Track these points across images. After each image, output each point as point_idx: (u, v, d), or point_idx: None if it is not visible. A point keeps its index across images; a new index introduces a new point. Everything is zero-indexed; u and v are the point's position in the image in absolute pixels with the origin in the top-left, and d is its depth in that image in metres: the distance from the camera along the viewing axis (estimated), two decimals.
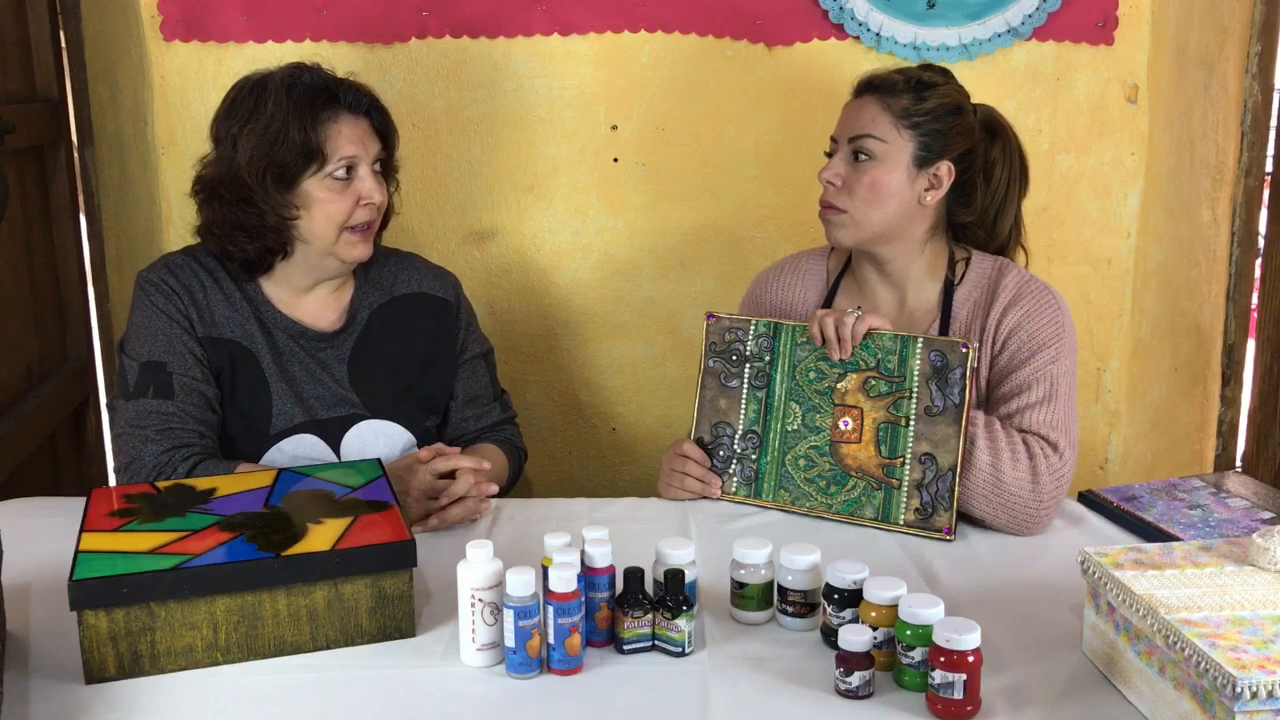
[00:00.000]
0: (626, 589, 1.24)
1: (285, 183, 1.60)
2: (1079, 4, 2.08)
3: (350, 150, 1.61)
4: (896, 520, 1.56)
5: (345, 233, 1.64)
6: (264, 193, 1.60)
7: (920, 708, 1.13)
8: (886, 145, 1.64)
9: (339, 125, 1.61)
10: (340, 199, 1.62)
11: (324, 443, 1.67)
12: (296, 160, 1.59)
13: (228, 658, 1.22)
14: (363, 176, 1.63)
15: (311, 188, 1.61)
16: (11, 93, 2.07)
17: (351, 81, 1.66)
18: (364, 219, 1.64)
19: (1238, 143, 2.28)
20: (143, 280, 1.66)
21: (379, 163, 1.67)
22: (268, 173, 1.59)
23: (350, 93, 1.64)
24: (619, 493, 1.77)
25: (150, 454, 1.56)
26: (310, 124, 1.59)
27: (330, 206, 1.61)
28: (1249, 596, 1.11)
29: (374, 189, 1.63)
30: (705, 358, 1.69)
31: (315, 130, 1.59)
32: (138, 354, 1.62)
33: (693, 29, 2.10)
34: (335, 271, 1.70)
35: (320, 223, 1.62)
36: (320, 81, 1.63)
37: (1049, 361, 1.61)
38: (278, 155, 1.59)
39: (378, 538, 1.26)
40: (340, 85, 1.64)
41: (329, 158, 1.60)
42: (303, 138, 1.58)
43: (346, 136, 1.61)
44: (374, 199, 1.64)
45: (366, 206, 1.64)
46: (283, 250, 1.65)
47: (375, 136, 1.66)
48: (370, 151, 1.64)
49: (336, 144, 1.61)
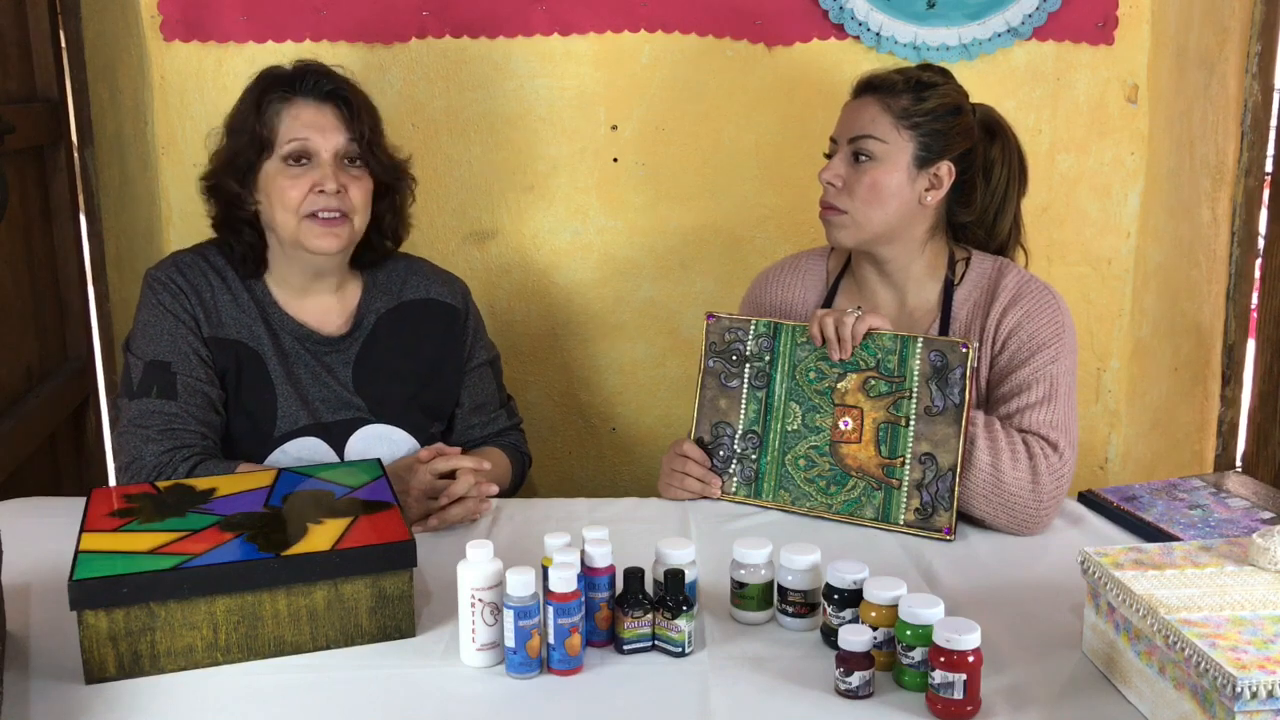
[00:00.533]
0: (626, 589, 1.24)
1: (241, 172, 1.62)
2: (1079, 4, 2.08)
3: (299, 133, 1.60)
4: (896, 520, 1.56)
5: (305, 221, 1.60)
6: (229, 184, 1.63)
7: (920, 708, 1.13)
8: (887, 146, 1.64)
9: (293, 109, 1.61)
10: (294, 184, 1.60)
11: (328, 446, 1.67)
12: (247, 149, 1.61)
13: (228, 658, 1.22)
14: (321, 164, 1.60)
15: (269, 173, 1.62)
16: (11, 93, 2.06)
17: (325, 70, 1.64)
18: (319, 206, 1.60)
19: (1238, 143, 2.28)
20: (150, 278, 1.66)
21: (352, 157, 1.63)
22: (228, 164, 1.63)
23: (313, 79, 1.62)
24: (619, 493, 1.77)
25: (151, 454, 1.56)
26: (258, 111, 1.61)
27: (286, 192, 1.60)
28: (1249, 596, 1.11)
29: (330, 176, 1.59)
30: (705, 358, 1.69)
31: (262, 117, 1.60)
32: (143, 353, 1.62)
33: (693, 29, 2.10)
34: (316, 265, 1.67)
35: (278, 209, 1.61)
36: (288, 71, 1.64)
37: (1049, 361, 1.61)
38: (233, 145, 1.62)
39: (378, 538, 1.26)
40: (305, 73, 1.63)
41: (277, 142, 1.60)
42: (251, 125, 1.60)
43: (300, 121, 1.60)
44: (327, 186, 1.59)
45: (321, 194, 1.59)
46: (263, 243, 1.67)
47: (341, 125, 1.62)
48: (330, 139, 1.61)
49: (287, 128, 1.60)
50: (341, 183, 1.61)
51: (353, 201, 1.63)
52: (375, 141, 1.67)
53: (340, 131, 1.62)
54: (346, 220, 1.63)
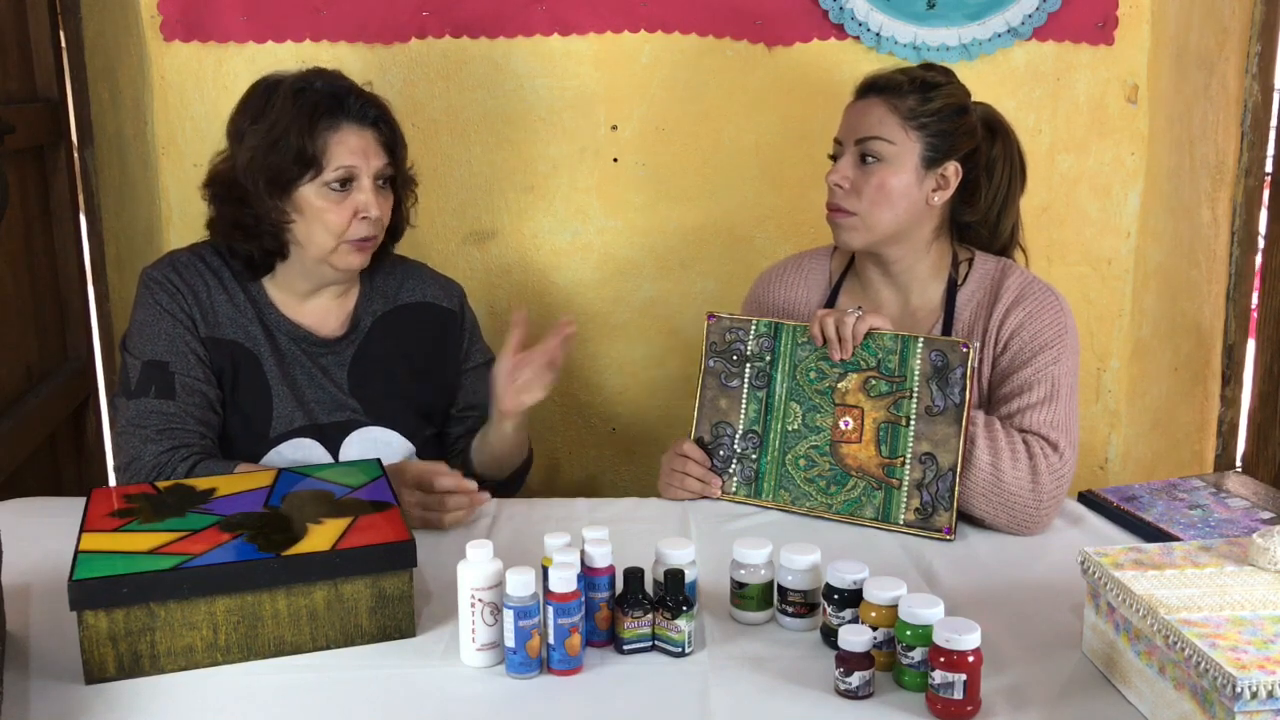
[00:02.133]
0: (626, 589, 1.24)
1: (279, 188, 1.59)
2: (1079, 4, 2.08)
3: (348, 160, 1.59)
4: (896, 520, 1.56)
5: (342, 244, 1.61)
6: (258, 195, 1.59)
7: (920, 708, 1.13)
8: (895, 147, 1.63)
9: (340, 134, 1.59)
10: (337, 210, 1.60)
11: (323, 447, 1.67)
12: (291, 167, 1.58)
13: (228, 658, 1.22)
14: (362, 189, 1.60)
15: (309, 195, 1.59)
16: (11, 93, 2.06)
17: (362, 91, 1.64)
18: (361, 234, 1.61)
19: (1238, 143, 2.28)
20: (147, 277, 1.66)
21: (385, 178, 1.64)
22: (263, 176, 1.58)
23: (358, 103, 1.61)
24: (619, 493, 1.77)
25: (150, 453, 1.56)
26: (309, 131, 1.57)
27: (327, 216, 1.59)
28: (1249, 596, 1.11)
29: (372, 203, 1.60)
30: (706, 357, 1.69)
31: (313, 138, 1.57)
32: (140, 352, 1.62)
33: (693, 29, 2.10)
34: (332, 279, 1.68)
35: (317, 232, 1.60)
36: (330, 89, 1.61)
37: (1051, 362, 1.61)
38: (274, 160, 1.58)
39: (378, 538, 1.26)
40: (348, 94, 1.61)
41: (325, 167, 1.58)
42: (299, 144, 1.57)
43: (347, 147, 1.59)
44: (370, 213, 1.60)
45: (364, 221, 1.61)
46: (279, 253, 1.65)
47: (381, 150, 1.63)
48: (372, 164, 1.61)
49: (335, 153, 1.58)
50: (380, 208, 1.63)
51: (384, 224, 1.66)
52: (404, 159, 1.69)
53: (381, 156, 1.63)
54: (374, 239, 1.65)
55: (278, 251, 1.65)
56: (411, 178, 1.74)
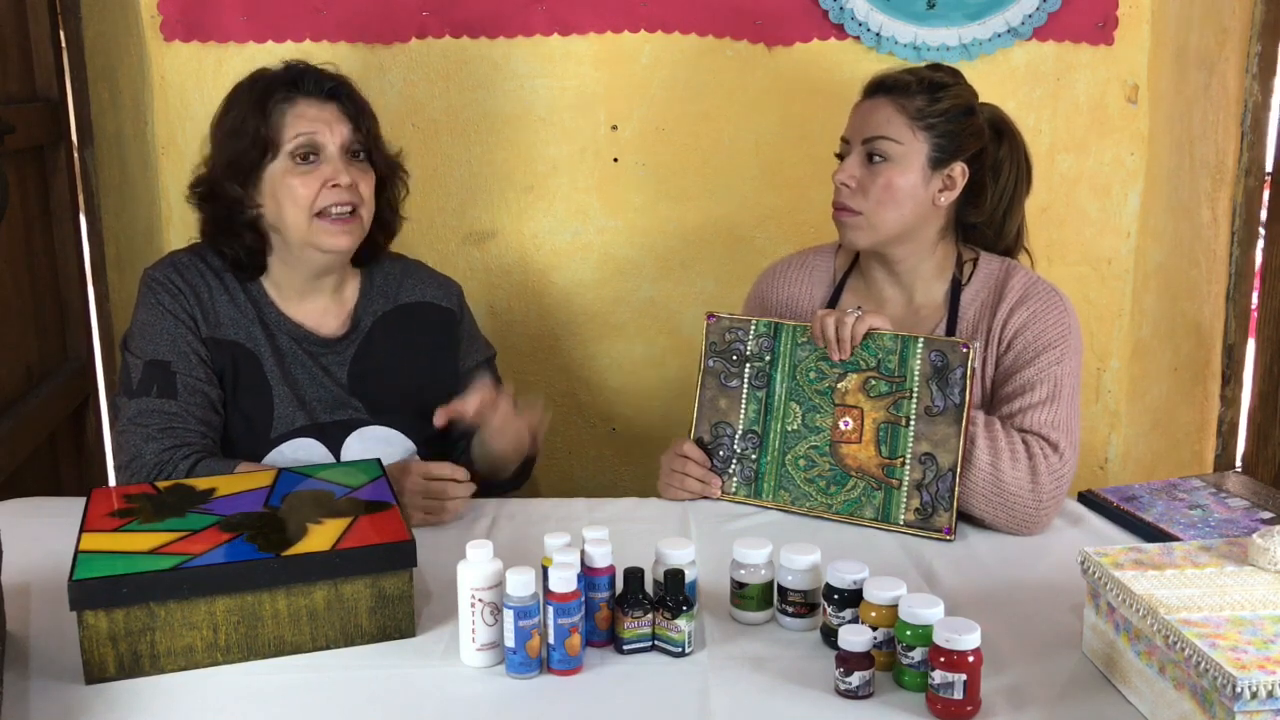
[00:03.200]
0: (626, 589, 1.24)
1: (242, 173, 1.60)
2: (1079, 4, 2.08)
3: (306, 127, 1.59)
4: (896, 520, 1.56)
5: (317, 219, 1.60)
6: (230, 188, 1.61)
7: (920, 708, 1.13)
8: (902, 147, 1.63)
9: (296, 109, 1.60)
10: (303, 180, 1.59)
11: (324, 447, 1.67)
12: (249, 150, 1.59)
13: (228, 658, 1.22)
14: (329, 158, 1.60)
15: (275, 173, 1.60)
16: (11, 93, 2.06)
17: (321, 70, 1.64)
18: (333, 201, 1.60)
19: (1238, 143, 2.27)
20: (148, 278, 1.66)
21: (356, 150, 1.64)
22: (227, 165, 1.60)
23: (312, 79, 1.62)
24: (619, 493, 1.77)
25: (151, 452, 1.56)
26: (261, 112, 1.59)
27: (296, 191, 1.59)
28: (1249, 596, 1.11)
29: (340, 169, 1.60)
30: (705, 357, 1.69)
31: (266, 118, 1.59)
32: (142, 352, 1.62)
33: (693, 29, 2.10)
34: (321, 265, 1.67)
35: (288, 209, 1.60)
36: (285, 72, 1.63)
37: (1053, 362, 1.61)
38: (233, 147, 1.60)
39: (378, 538, 1.26)
40: (304, 73, 1.62)
41: (282, 142, 1.59)
42: (254, 127, 1.58)
43: (305, 118, 1.59)
44: (340, 180, 1.59)
45: (335, 188, 1.59)
46: (261, 248, 1.65)
47: (345, 119, 1.62)
48: (336, 133, 1.61)
49: (290, 125, 1.59)
50: (352, 176, 1.61)
51: (362, 195, 1.63)
52: (376, 134, 1.68)
53: (345, 125, 1.62)
54: (357, 217, 1.63)
55: (260, 247, 1.65)
56: (397, 163, 1.74)
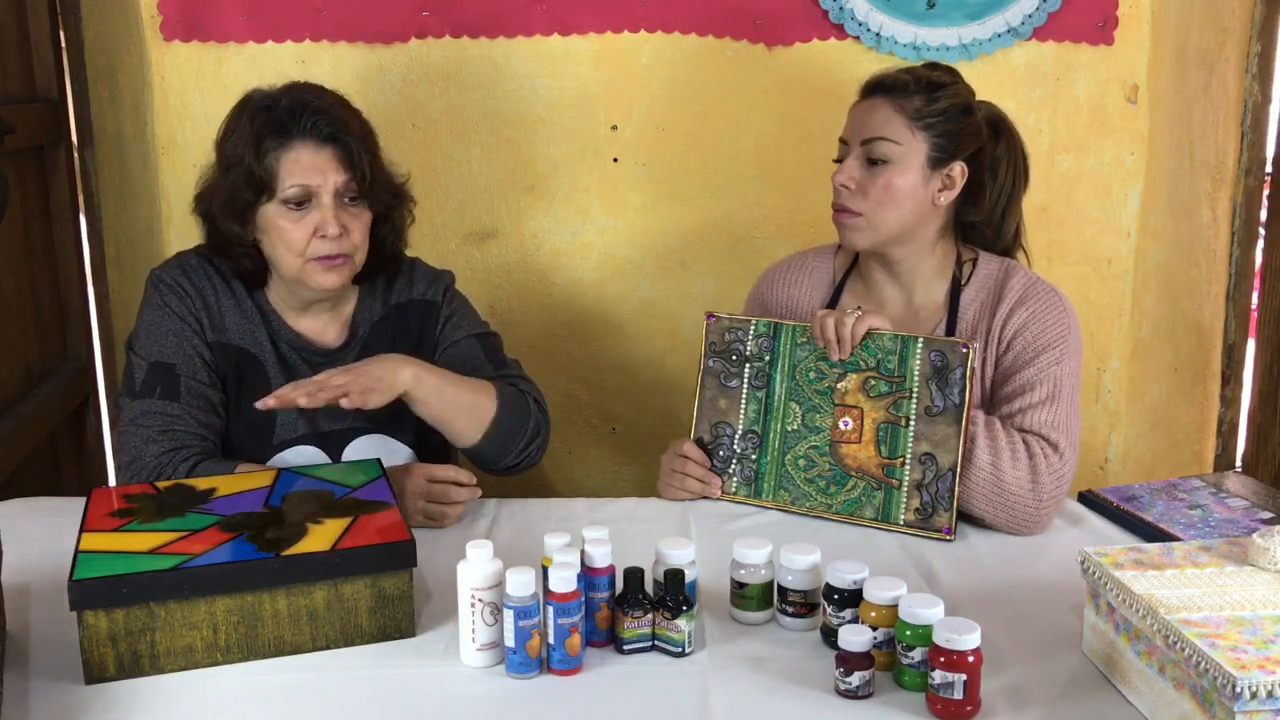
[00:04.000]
0: (626, 589, 1.24)
1: (236, 211, 1.59)
2: (1079, 4, 2.08)
3: (300, 179, 1.56)
4: (896, 520, 1.56)
5: (309, 263, 1.59)
6: (227, 224, 1.60)
7: (920, 708, 1.13)
8: (901, 147, 1.63)
9: (292, 153, 1.56)
10: (295, 228, 1.57)
11: (326, 455, 1.68)
12: (245, 189, 1.57)
13: (228, 658, 1.22)
14: (321, 206, 1.57)
15: (270, 214, 1.58)
16: (11, 93, 2.06)
17: (321, 108, 1.58)
18: (324, 251, 1.58)
19: (1238, 143, 2.28)
20: (156, 278, 1.66)
21: (351, 195, 1.60)
22: (220, 200, 1.59)
23: (310, 120, 1.57)
24: (619, 493, 1.77)
25: (151, 453, 1.56)
26: (256, 154, 1.55)
27: (287, 235, 1.57)
28: (1249, 596, 1.11)
29: (330, 221, 1.56)
30: (705, 357, 1.69)
31: (260, 160, 1.55)
32: (146, 353, 1.62)
33: (693, 29, 2.10)
34: (314, 297, 1.67)
35: (281, 250, 1.59)
36: (287, 106, 1.57)
37: (1053, 363, 1.61)
38: (230, 182, 1.58)
39: (378, 538, 1.26)
40: (303, 112, 1.57)
41: (277, 187, 1.56)
42: (249, 167, 1.56)
43: (300, 165, 1.56)
44: (328, 231, 1.56)
45: (323, 239, 1.57)
46: (264, 267, 1.65)
47: (340, 166, 1.57)
48: (331, 181, 1.57)
49: (286, 172, 1.56)
50: (343, 224, 1.58)
51: (354, 241, 1.61)
52: (375, 171, 1.63)
53: (340, 172, 1.58)
54: (348, 260, 1.61)
55: (260, 268, 1.65)
56: (403, 191, 1.71)
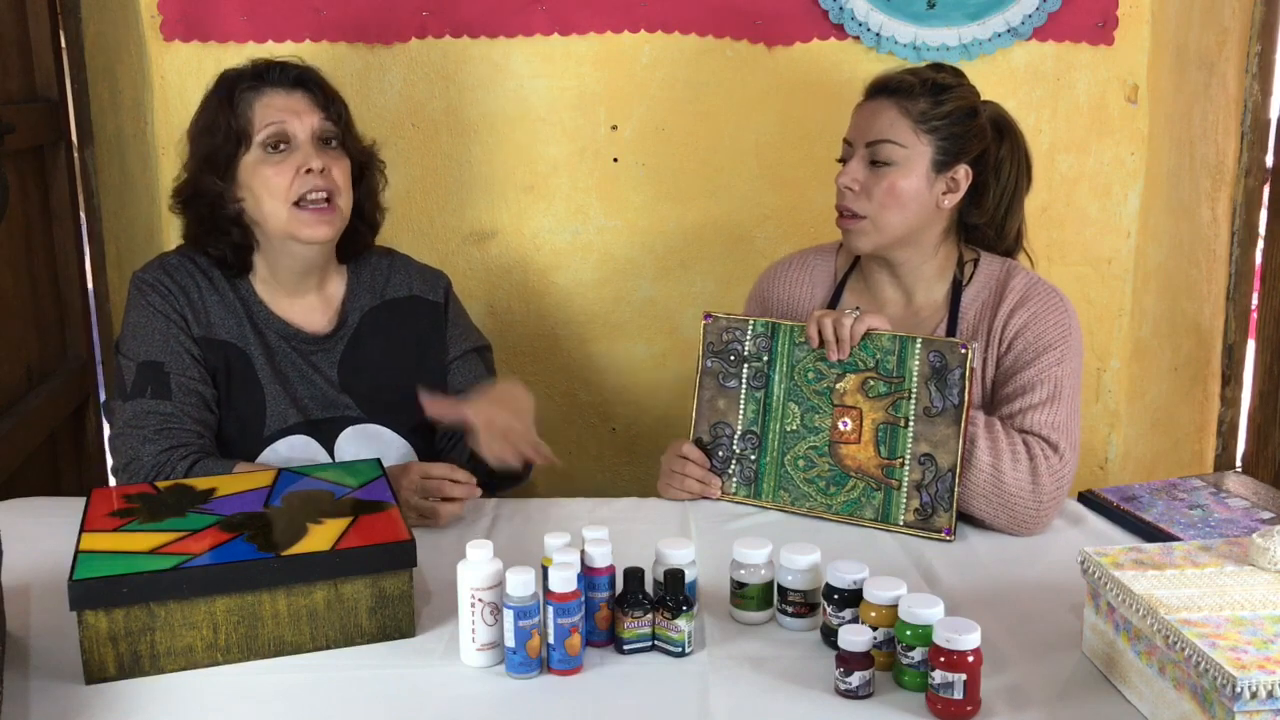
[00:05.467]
0: (626, 589, 1.24)
1: (219, 169, 1.61)
2: (1079, 4, 2.08)
3: (275, 116, 1.60)
4: (896, 521, 1.56)
5: (294, 209, 1.60)
6: (209, 183, 1.62)
7: (920, 708, 1.13)
8: (906, 150, 1.62)
9: (263, 99, 1.61)
10: (277, 169, 1.60)
11: (317, 444, 1.67)
12: (224, 145, 1.60)
13: (228, 658, 1.22)
14: (300, 146, 1.61)
15: (249, 165, 1.61)
16: (11, 93, 2.06)
17: (280, 60, 1.66)
18: (308, 188, 1.60)
19: (1238, 143, 2.28)
20: (138, 280, 1.66)
21: (329, 138, 1.64)
22: (205, 164, 1.62)
23: (278, 70, 1.64)
24: (619, 493, 1.77)
25: (149, 453, 1.56)
26: (229, 105, 1.61)
27: (270, 180, 1.60)
28: (1249, 596, 1.11)
29: (313, 155, 1.60)
30: (703, 358, 1.69)
31: (235, 111, 1.61)
32: (134, 354, 1.62)
33: (693, 29, 2.10)
34: (305, 259, 1.67)
35: (265, 200, 1.61)
36: (251, 67, 1.64)
37: (1054, 363, 1.61)
38: (208, 144, 1.61)
39: (378, 538, 1.26)
40: (271, 66, 1.64)
41: (254, 131, 1.60)
42: (225, 121, 1.60)
43: (273, 107, 1.61)
44: (313, 164, 1.60)
45: (308, 174, 1.60)
46: (249, 244, 1.66)
47: (314, 108, 1.63)
48: (306, 121, 1.62)
49: (259, 115, 1.61)
50: (324, 163, 1.62)
51: (336, 181, 1.63)
52: (349, 122, 1.70)
53: (314, 113, 1.63)
54: (334, 206, 1.63)
55: (246, 243, 1.66)
56: (373, 153, 1.75)
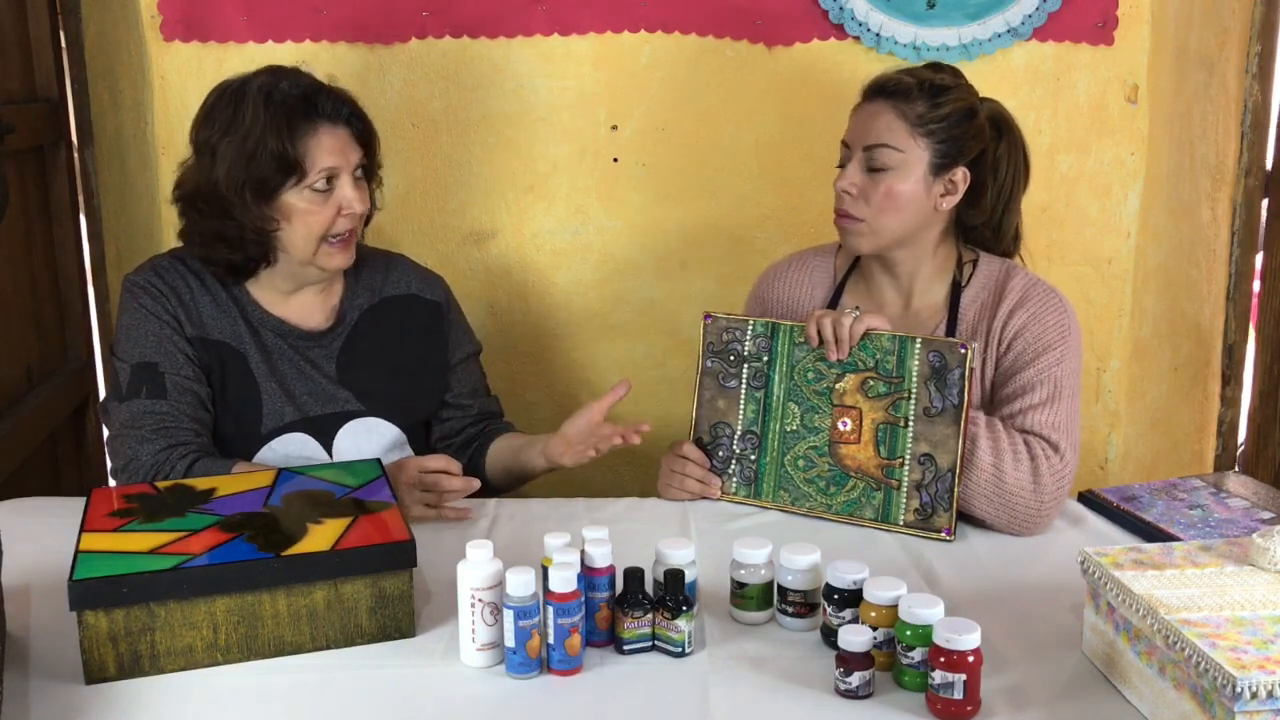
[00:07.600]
0: (626, 589, 1.24)
1: (264, 196, 1.58)
2: (1079, 4, 2.07)
3: (330, 162, 1.59)
4: (896, 521, 1.56)
5: (324, 244, 1.62)
6: (243, 205, 1.58)
7: (920, 708, 1.13)
8: (903, 154, 1.62)
9: (318, 137, 1.58)
10: (321, 210, 1.60)
11: (315, 441, 1.68)
12: (275, 174, 1.57)
13: (228, 658, 1.22)
14: (343, 185, 1.61)
15: (291, 199, 1.59)
16: (11, 93, 2.06)
17: (331, 88, 1.63)
18: (345, 228, 1.63)
19: (1238, 143, 2.28)
20: (130, 284, 1.66)
21: (360, 169, 1.65)
22: (246, 186, 1.58)
23: (329, 101, 1.61)
24: (619, 493, 1.77)
25: (147, 453, 1.56)
26: (288, 137, 1.56)
27: (311, 218, 1.60)
28: (1249, 596, 1.11)
29: (354, 198, 1.61)
30: (703, 358, 1.69)
31: (293, 143, 1.57)
32: (129, 356, 1.62)
33: (693, 29, 2.10)
34: (318, 278, 1.70)
35: (300, 234, 1.61)
36: (299, 90, 1.60)
37: (1054, 364, 1.61)
38: (256, 169, 1.57)
39: (378, 538, 1.26)
40: (319, 93, 1.61)
41: (309, 170, 1.58)
42: (280, 151, 1.56)
43: (326, 148, 1.59)
44: (354, 208, 1.62)
45: (347, 216, 1.62)
46: (265, 259, 1.65)
47: (356, 144, 1.63)
48: (351, 160, 1.62)
49: (316, 156, 1.58)
50: (359, 201, 1.63)
51: (361, 213, 1.65)
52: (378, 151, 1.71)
53: (357, 150, 1.64)
54: (354, 234, 1.66)
55: (263, 258, 1.65)
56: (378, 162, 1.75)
